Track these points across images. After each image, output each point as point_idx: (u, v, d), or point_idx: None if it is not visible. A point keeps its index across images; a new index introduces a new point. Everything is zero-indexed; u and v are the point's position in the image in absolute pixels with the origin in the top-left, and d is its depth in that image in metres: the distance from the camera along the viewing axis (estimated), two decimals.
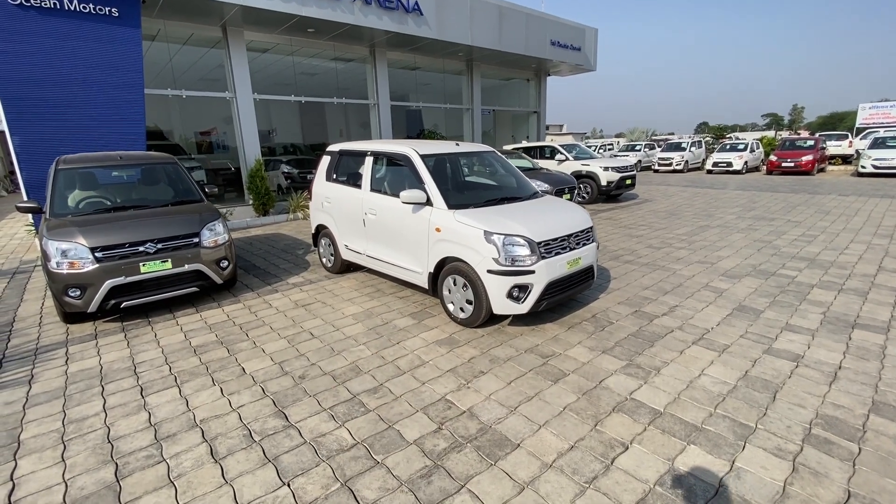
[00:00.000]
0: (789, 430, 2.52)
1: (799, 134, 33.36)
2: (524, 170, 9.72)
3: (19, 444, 2.63)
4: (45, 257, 4.12)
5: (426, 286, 4.34)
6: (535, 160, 11.55)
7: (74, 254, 4.11)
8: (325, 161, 5.79)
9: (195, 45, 10.82)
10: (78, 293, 4.11)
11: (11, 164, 12.78)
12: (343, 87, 13.69)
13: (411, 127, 18.81)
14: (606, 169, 11.09)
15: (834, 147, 20.37)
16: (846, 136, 21.79)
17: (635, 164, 12.02)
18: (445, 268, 4.09)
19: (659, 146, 24.60)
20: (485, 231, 3.72)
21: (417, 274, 4.41)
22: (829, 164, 19.62)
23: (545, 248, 3.78)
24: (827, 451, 2.34)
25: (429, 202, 4.18)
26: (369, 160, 5.02)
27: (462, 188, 4.94)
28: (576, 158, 11.67)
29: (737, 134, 37.77)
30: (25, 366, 3.60)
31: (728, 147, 20.08)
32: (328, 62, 13.02)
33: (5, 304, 5.12)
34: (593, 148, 23.35)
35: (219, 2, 8.36)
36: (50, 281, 4.14)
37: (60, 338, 4.14)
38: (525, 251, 3.67)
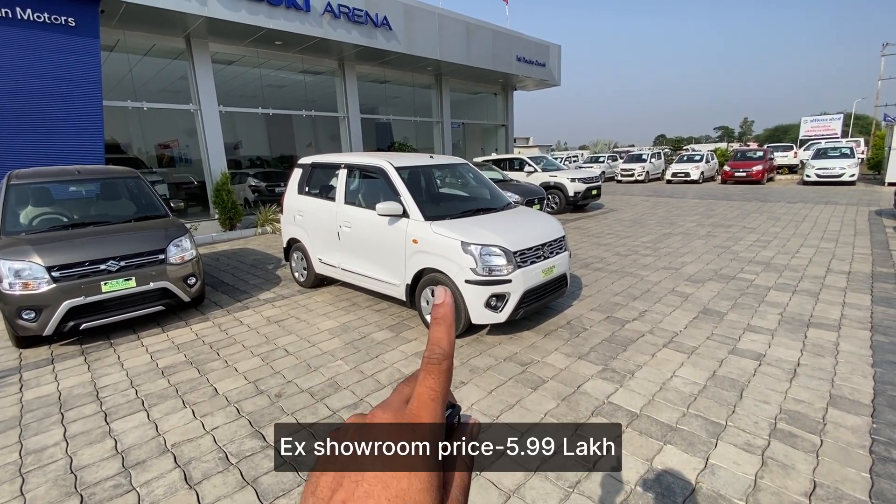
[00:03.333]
0: (756, 425, 2.65)
1: (749, 145, 35.45)
2: (494, 181, 9.88)
3: None
4: None
5: (404, 298, 4.33)
6: (505, 172, 11.77)
7: (29, 274, 3.87)
8: (297, 174, 5.71)
9: (157, 56, 10.51)
10: (33, 315, 3.87)
11: None
12: (312, 99, 13.59)
13: (381, 139, 18.81)
14: (573, 180, 11.44)
15: (781, 157, 21.76)
16: (791, 148, 23.34)
17: (600, 174, 12.44)
18: (423, 279, 4.10)
19: (621, 157, 25.59)
20: (462, 242, 3.76)
21: (395, 286, 4.39)
22: (777, 173, 20.93)
23: (521, 258, 3.85)
24: (792, 445, 2.47)
25: (405, 214, 4.19)
26: (343, 173, 5.00)
27: (437, 200, 4.98)
28: (544, 170, 11.98)
29: (692, 146, 39.78)
30: None
31: (685, 158, 21.12)
32: (296, 74, 12.91)
33: None
34: (559, 160, 24.03)
35: (182, 13, 8.18)
36: (1, 303, 3.88)
37: (13, 364, 3.87)
38: (502, 261, 3.74)
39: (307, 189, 5.53)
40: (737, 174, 18.00)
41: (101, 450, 2.66)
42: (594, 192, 11.82)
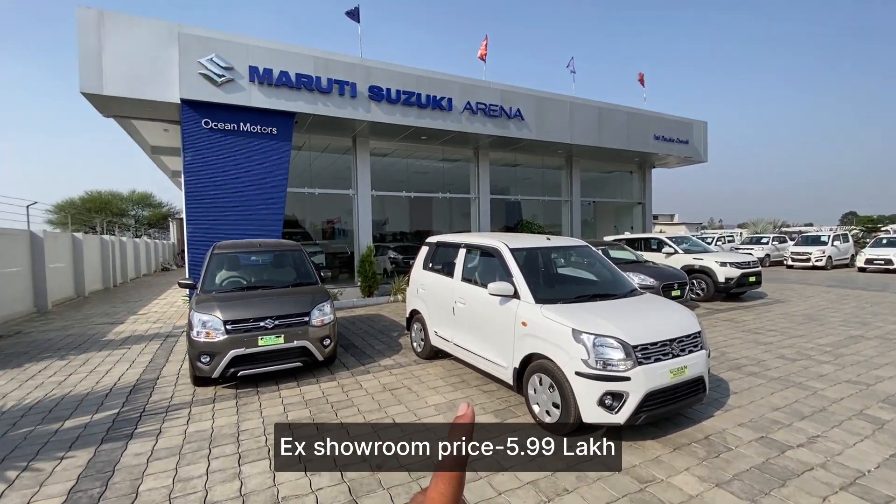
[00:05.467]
0: None
1: None
2: (626, 262, 9.30)
3: (137, 495, 2.98)
4: (189, 326, 4.91)
5: (511, 382, 4.19)
6: (640, 252, 11.00)
7: (211, 325, 4.83)
8: (424, 251, 6.23)
9: (330, 153, 12.94)
10: (208, 360, 4.76)
11: (182, 244, 15.98)
12: (448, 182, 14.95)
13: (510, 217, 19.45)
14: (724, 264, 10.09)
15: None
16: None
17: (762, 258, 10.74)
18: (531, 365, 3.95)
19: (791, 238, 21.84)
20: (573, 329, 3.57)
21: (502, 368, 4.30)
22: None
23: (643, 353, 3.47)
24: None
25: (516, 295, 4.19)
26: (462, 251, 5.29)
27: (552, 282, 4.89)
28: (686, 251, 10.87)
29: (893, 226, 31.98)
30: (157, 422, 4.16)
31: (885, 241, 17.06)
32: (437, 162, 14.48)
33: (155, 364, 6.08)
34: (709, 240, 21.52)
35: (353, 119, 10.08)
36: (190, 347, 4.88)
37: (188, 398, 4.74)
38: (619, 354, 3.42)
39: (431, 265, 5.95)
40: None
41: (230, 490, 3.02)
42: (752, 278, 10.20)
